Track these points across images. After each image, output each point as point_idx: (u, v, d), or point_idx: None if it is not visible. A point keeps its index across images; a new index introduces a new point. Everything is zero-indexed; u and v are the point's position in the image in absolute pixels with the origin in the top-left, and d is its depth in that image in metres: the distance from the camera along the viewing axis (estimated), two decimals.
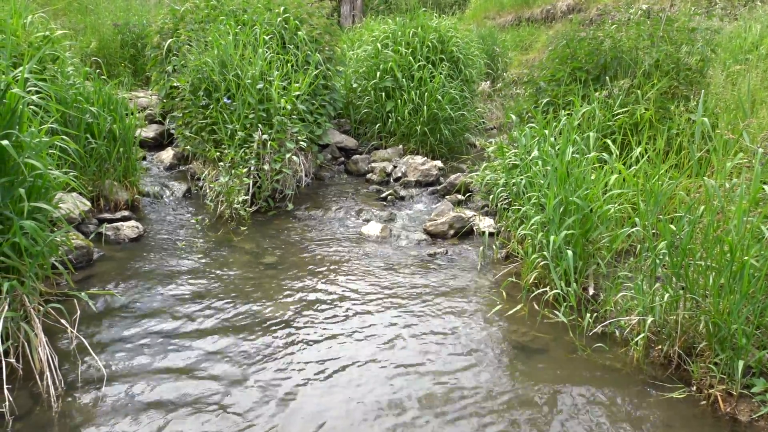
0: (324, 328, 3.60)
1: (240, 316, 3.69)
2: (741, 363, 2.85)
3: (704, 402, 2.98)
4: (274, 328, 3.58)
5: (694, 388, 3.07)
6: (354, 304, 3.92)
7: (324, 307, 3.87)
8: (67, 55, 5.34)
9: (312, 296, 4.01)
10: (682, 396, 3.02)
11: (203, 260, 4.47)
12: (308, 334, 3.53)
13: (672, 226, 3.29)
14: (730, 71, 5.95)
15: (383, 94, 7.50)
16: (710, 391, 2.97)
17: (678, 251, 3.19)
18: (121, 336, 3.40)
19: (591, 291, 3.93)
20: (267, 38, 6.26)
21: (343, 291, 4.10)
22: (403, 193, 6.34)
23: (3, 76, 3.16)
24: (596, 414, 2.90)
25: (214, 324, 3.58)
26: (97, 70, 5.73)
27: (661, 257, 3.33)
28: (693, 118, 4.64)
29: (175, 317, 3.63)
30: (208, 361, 3.21)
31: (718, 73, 5.91)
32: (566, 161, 4.09)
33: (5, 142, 2.91)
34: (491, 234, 5.11)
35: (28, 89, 3.84)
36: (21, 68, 3.34)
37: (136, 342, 3.35)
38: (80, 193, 4.63)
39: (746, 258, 2.87)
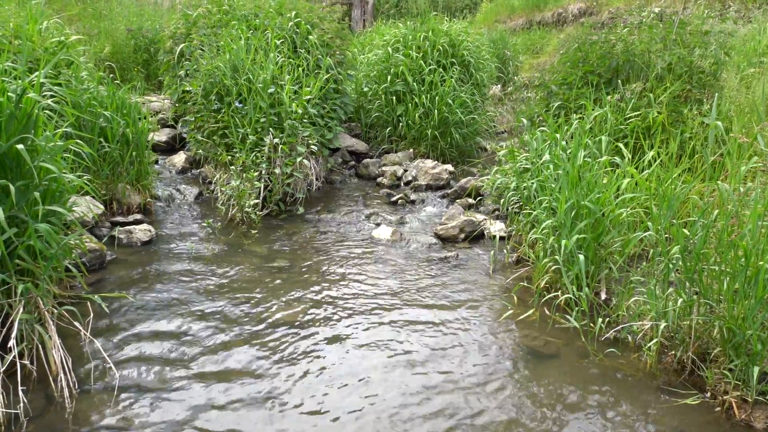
0: (334, 332, 3.60)
1: (250, 319, 3.70)
2: (756, 369, 2.81)
3: (718, 408, 2.94)
4: (284, 331, 3.59)
5: (709, 394, 3.04)
6: (364, 309, 3.92)
7: (334, 311, 3.87)
8: (82, 60, 5.39)
9: (322, 300, 4.01)
10: (696, 402, 2.99)
11: (214, 263, 4.49)
12: (318, 338, 3.53)
13: (685, 231, 3.26)
14: (744, 74, 5.90)
15: (394, 98, 7.51)
16: (725, 397, 2.94)
17: (691, 256, 3.17)
18: (133, 338, 3.42)
19: (603, 296, 3.91)
20: (278, 43, 6.29)
21: (353, 295, 4.11)
22: (413, 197, 6.33)
23: (19, 81, 3.20)
24: (609, 420, 2.88)
25: (224, 327, 3.60)
26: (111, 75, 5.78)
27: (675, 262, 3.30)
28: (706, 121, 4.60)
29: (187, 320, 3.65)
30: (219, 363, 3.22)
31: (732, 77, 5.86)
32: (578, 165, 4.07)
33: (20, 147, 2.95)
34: (502, 238, 5.09)
35: (43, 94, 3.89)
36: (37, 73, 3.38)
37: (148, 344, 3.37)
38: (93, 197, 4.67)
39: (761, 263, 2.84)
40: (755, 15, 9.09)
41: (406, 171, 6.93)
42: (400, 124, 7.48)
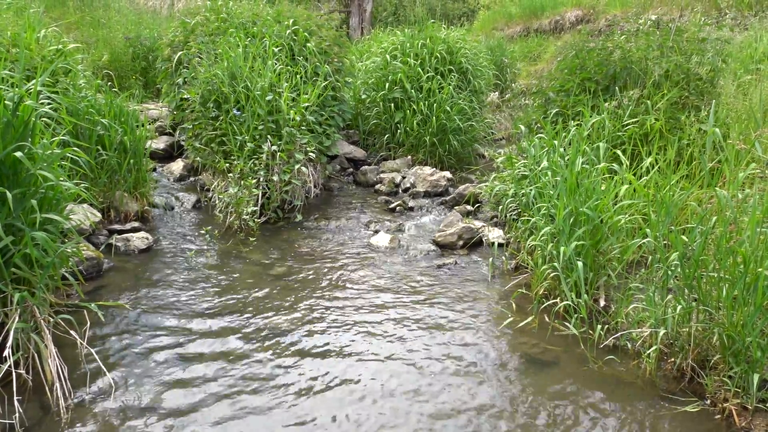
0: (332, 340, 3.59)
1: (248, 328, 3.68)
2: (756, 376, 2.80)
3: (718, 416, 2.93)
4: (282, 339, 3.57)
5: (708, 401, 3.02)
6: (363, 316, 3.90)
7: (332, 318, 3.86)
8: (79, 68, 5.40)
9: (320, 308, 4.00)
10: (695, 410, 2.98)
11: (212, 271, 4.48)
12: (317, 346, 3.51)
13: (684, 237, 3.25)
14: (741, 81, 5.92)
15: (392, 105, 7.52)
16: (725, 404, 2.93)
17: (690, 262, 3.16)
18: (130, 347, 3.40)
19: (602, 302, 3.90)
20: (276, 50, 6.30)
21: (351, 303, 4.09)
22: (412, 203, 6.33)
23: (16, 89, 3.20)
24: (608, 428, 2.86)
25: (222, 335, 3.58)
26: (109, 83, 5.79)
27: (673, 269, 3.30)
28: (704, 128, 4.61)
29: (184, 328, 3.63)
30: (217, 372, 3.21)
31: (729, 83, 5.88)
32: (576, 172, 4.07)
33: (19, 154, 2.94)
34: (500, 245, 5.09)
35: (40, 101, 3.88)
36: (34, 81, 3.38)
37: (145, 353, 3.35)
38: (91, 205, 4.66)
39: (760, 269, 2.83)
40: (751, 22, 9.13)
41: (404, 178, 6.93)
42: (398, 131, 7.49)
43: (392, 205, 6.23)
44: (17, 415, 2.72)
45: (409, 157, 7.46)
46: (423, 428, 2.83)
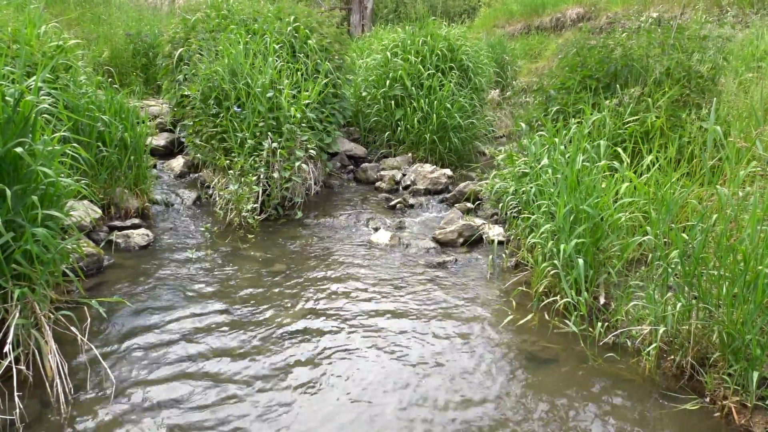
0: (331, 338, 3.59)
1: (248, 325, 3.69)
2: (756, 374, 2.80)
3: (718, 414, 2.93)
4: (282, 336, 3.57)
5: (708, 399, 3.03)
6: (362, 313, 3.90)
7: (331, 316, 3.86)
8: (80, 65, 5.39)
9: (320, 305, 4.00)
10: (695, 407, 2.98)
11: (212, 268, 4.48)
12: (316, 344, 3.52)
13: (684, 235, 3.25)
14: (742, 79, 5.91)
15: (392, 102, 7.52)
16: (724, 402, 2.93)
17: (690, 260, 3.16)
18: (130, 343, 3.40)
19: (602, 300, 3.90)
20: (277, 47, 6.30)
21: (351, 300, 4.09)
22: (412, 201, 6.33)
23: (17, 85, 3.20)
24: (607, 425, 2.87)
25: (222, 332, 3.58)
26: (109, 79, 5.78)
27: (673, 266, 3.30)
28: (705, 126, 4.61)
29: (184, 325, 3.64)
30: (216, 368, 3.21)
31: (730, 81, 5.87)
32: (576, 169, 4.07)
33: (19, 150, 2.94)
34: (501, 242, 5.09)
35: (41, 97, 3.88)
36: (34, 77, 3.38)
37: (145, 349, 3.35)
38: (91, 201, 4.66)
39: (760, 267, 2.83)
40: (753, 20, 9.12)
41: (404, 175, 6.93)
42: (399, 128, 7.48)
43: (392, 203, 6.23)
44: (18, 410, 2.72)
45: (410, 154, 7.46)
46: (418, 423, 2.83)
